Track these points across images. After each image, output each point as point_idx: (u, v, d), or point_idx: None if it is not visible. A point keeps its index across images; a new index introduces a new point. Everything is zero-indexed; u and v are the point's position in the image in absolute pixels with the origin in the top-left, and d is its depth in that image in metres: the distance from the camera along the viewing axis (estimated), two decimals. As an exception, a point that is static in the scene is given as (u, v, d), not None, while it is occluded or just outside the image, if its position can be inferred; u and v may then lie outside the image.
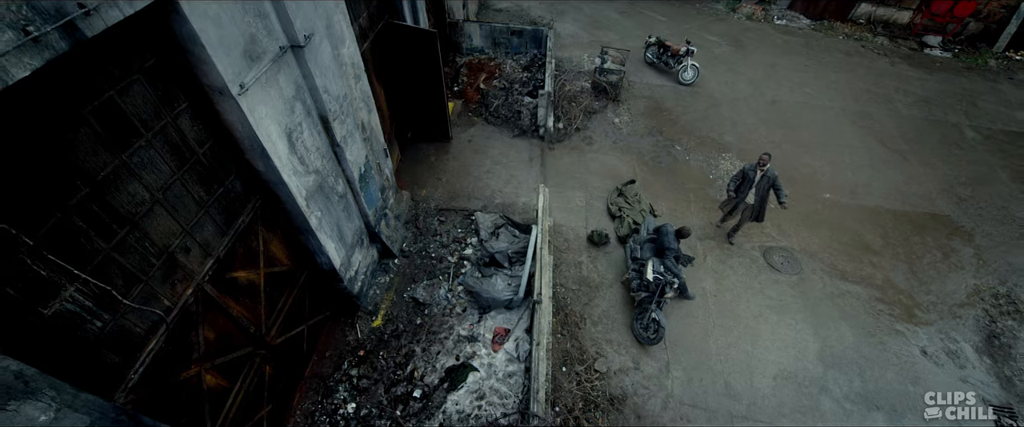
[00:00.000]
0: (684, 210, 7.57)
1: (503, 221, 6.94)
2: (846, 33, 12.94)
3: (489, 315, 5.77)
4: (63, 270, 2.47)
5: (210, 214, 3.60)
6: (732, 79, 10.82)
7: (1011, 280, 6.89)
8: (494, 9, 13.72)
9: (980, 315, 6.41)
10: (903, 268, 6.83)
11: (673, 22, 13.37)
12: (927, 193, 8.10)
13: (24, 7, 1.96)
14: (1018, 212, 7.98)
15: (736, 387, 5.35)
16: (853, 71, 11.41)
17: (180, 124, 3.22)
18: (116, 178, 2.76)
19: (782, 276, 6.61)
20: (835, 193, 7.97)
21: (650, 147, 8.80)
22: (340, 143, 4.93)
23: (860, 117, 9.85)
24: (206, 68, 3.12)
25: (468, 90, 9.87)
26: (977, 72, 11.83)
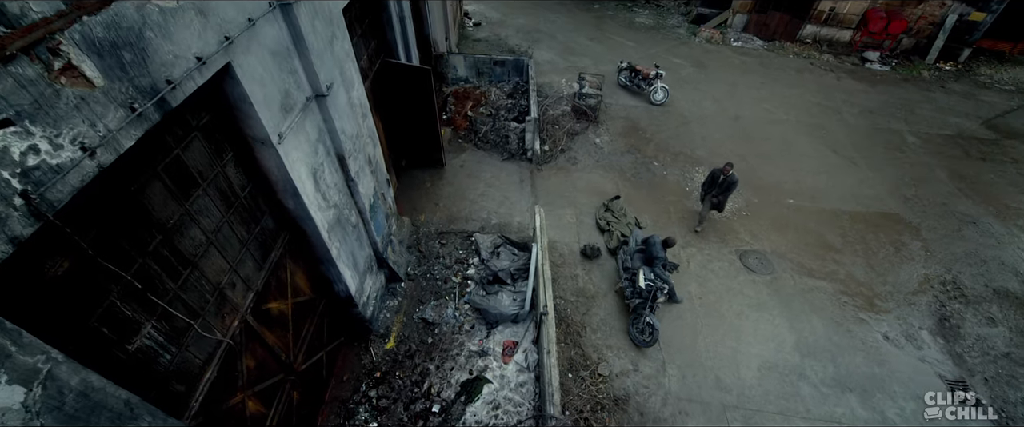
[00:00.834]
0: (666, 221, 8.22)
1: (501, 241, 7.40)
2: (796, 52, 14.24)
3: (497, 330, 6.16)
4: (143, 309, 2.79)
5: (250, 251, 3.94)
6: (698, 98, 11.76)
7: (955, 268, 7.77)
8: (473, 39, 14.44)
9: (931, 301, 7.22)
10: (862, 263, 7.62)
11: (641, 47, 14.38)
12: (877, 194, 9.04)
13: (130, 88, 2.36)
14: (957, 207, 8.99)
15: (726, 380, 5.89)
16: (804, 86, 12.58)
17: (227, 172, 3.59)
18: (181, 225, 3.11)
19: (757, 277, 7.28)
20: (797, 198, 8.80)
21: (630, 164, 9.50)
22: (354, 177, 5.33)
23: (814, 128, 10.88)
24: (252, 122, 3.52)
25: (456, 118, 10.40)
26: (913, 83, 13.21)
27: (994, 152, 10.62)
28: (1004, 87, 13.41)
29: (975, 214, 8.82)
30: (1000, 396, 6.11)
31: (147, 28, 2.41)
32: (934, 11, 13.48)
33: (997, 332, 6.88)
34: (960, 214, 8.79)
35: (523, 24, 15.63)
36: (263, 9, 3.44)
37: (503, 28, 15.29)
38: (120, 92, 2.28)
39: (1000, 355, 6.59)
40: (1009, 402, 6.06)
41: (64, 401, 2.00)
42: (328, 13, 4.52)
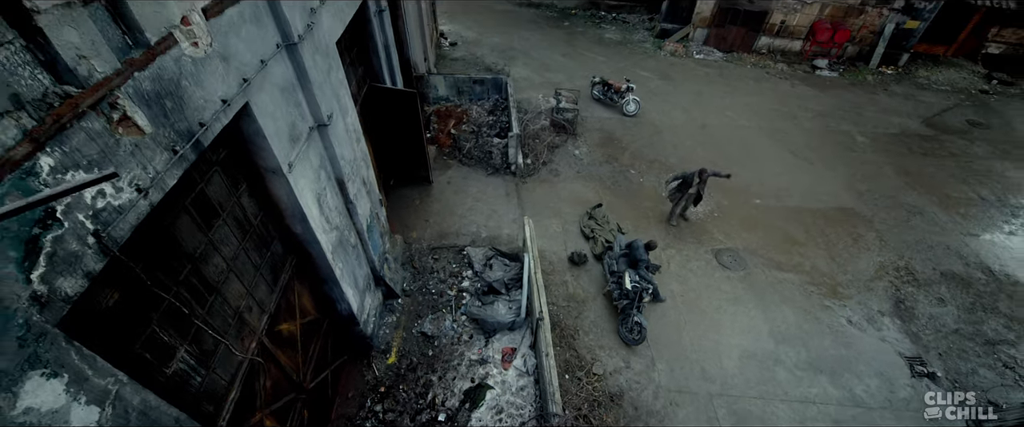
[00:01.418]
0: (646, 225, 8.72)
1: (493, 253, 7.72)
2: (753, 63, 15.27)
3: (495, 338, 6.45)
4: (178, 334, 2.99)
5: (263, 275, 4.14)
6: (668, 108, 12.48)
7: (906, 255, 8.54)
8: (450, 58, 14.86)
9: (887, 286, 7.92)
10: (824, 255, 8.29)
11: (611, 61, 15.12)
12: (833, 191, 9.84)
13: (171, 132, 2.61)
14: (904, 199, 9.87)
15: (710, 370, 6.34)
16: (763, 94, 13.51)
17: (242, 202, 3.82)
18: (206, 254, 3.32)
19: (732, 273, 7.83)
20: (763, 198, 9.49)
21: (609, 173, 10.02)
22: (353, 200, 5.58)
23: (773, 132, 11.72)
24: (265, 154, 3.77)
25: (440, 136, 10.73)
26: (859, 87, 14.37)
27: (934, 148, 11.68)
28: (940, 87, 14.74)
29: (921, 205, 9.70)
30: (953, 368, 6.77)
31: (183, 77, 2.68)
32: (874, 21, 14.76)
33: (946, 311, 7.61)
34: (908, 205, 9.66)
35: (498, 42, 16.18)
36: (272, 50, 3.73)
37: (479, 47, 15.79)
38: (164, 137, 2.53)
39: (950, 331, 7.30)
40: (961, 373, 6.73)
41: (129, 419, 2.21)
42: (325, 47, 4.82)
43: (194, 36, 2.77)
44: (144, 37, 2.39)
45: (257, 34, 3.51)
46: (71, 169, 1.95)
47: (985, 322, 7.48)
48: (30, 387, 1.75)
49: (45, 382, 1.81)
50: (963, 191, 10.22)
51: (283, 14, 3.79)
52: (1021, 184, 10.64)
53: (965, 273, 8.28)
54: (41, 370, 1.80)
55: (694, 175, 8.05)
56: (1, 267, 1.67)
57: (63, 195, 1.49)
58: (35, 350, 1.78)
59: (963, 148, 11.74)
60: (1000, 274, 8.32)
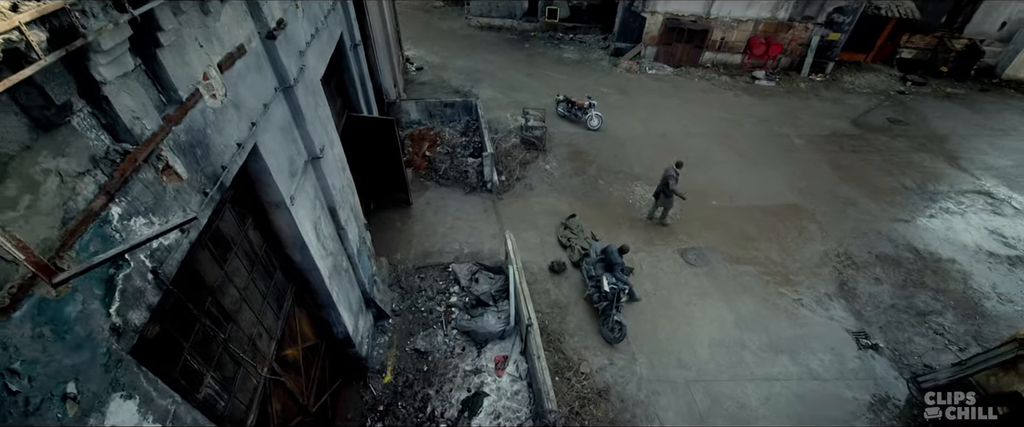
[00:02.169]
0: (617, 231, 9.36)
1: (477, 268, 8.09)
2: (700, 76, 16.60)
3: (487, 347, 6.79)
4: (205, 361, 3.21)
5: (269, 303, 4.36)
6: (628, 121, 13.38)
7: (845, 242, 9.57)
8: (418, 83, 15.30)
9: (831, 271, 8.86)
10: (775, 247, 9.19)
11: (571, 80, 16.01)
12: (778, 189, 10.89)
13: (201, 176, 2.91)
14: (839, 192, 11.03)
15: (685, 359, 6.93)
16: (711, 104, 14.73)
17: (249, 235, 4.07)
18: (222, 286, 3.55)
19: (697, 269, 8.55)
20: (719, 200, 10.39)
21: (580, 185, 10.67)
22: (343, 226, 5.85)
23: (723, 138, 12.81)
24: (270, 189, 4.06)
25: (415, 158, 11.07)
26: (794, 94, 15.89)
27: (861, 145, 13.10)
28: (863, 91, 16.50)
29: (854, 197, 10.89)
30: (892, 339, 7.68)
31: (207, 127, 2.99)
32: (801, 35, 16.44)
33: (883, 289, 8.60)
34: (843, 198, 10.82)
35: (463, 65, 16.78)
36: (272, 94, 4.06)
37: (445, 71, 16.32)
38: (197, 181, 2.83)
39: (888, 307, 8.26)
40: (900, 342, 7.65)
41: (183, 436, 2.46)
42: (313, 86, 5.16)
43: (212, 89, 3.09)
44: (177, 95, 2.70)
45: (260, 81, 3.84)
46: (134, 216, 2.24)
47: (916, 296, 8.51)
48: (113, 407, 2.02)
49: (123, 403, 2.07)
50: (889, 182, 11.53)
51: (280, 60, 4.13)
52: (938, 173, 12.10)
53: (896, 254, 9.37)
54: (120, 392, 2.06)
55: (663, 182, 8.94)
56: (90, 304, 1.95)
57: (158, 237, 1.82)
58: (115, 375, 2.05)
59: (886, 144, 13.23)
60: (925, 253, 9.46)
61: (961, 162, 12.59)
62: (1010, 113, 15.46)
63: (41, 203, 1.77)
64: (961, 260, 9.32)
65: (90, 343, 1.92)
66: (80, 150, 1.98)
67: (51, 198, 1.81)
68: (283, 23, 4.17)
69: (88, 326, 1.92)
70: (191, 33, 2.84)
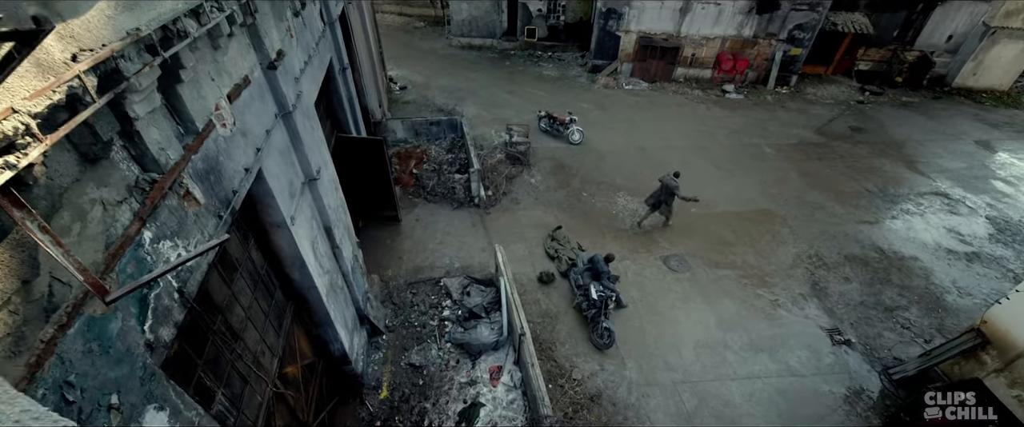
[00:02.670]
0: (602, 240, 9.70)
1: (468, 281, 8.28)
2: (673, 90, 17.36)
3: (481, 359, 6.95)
4: (217, 378, 3.34)
5: (270, 321, 4.48)
6: (608, 135, 13.90)
7: (815, 244, 10.12)
8: (402, 102, 15.58)
9: (804, 272, 9.36)
10: (751, 251, 9.67)
11: (552, 96, 16.55)
12: (752, 196, 11.46)
13: (215, 201, 3.09)
14: (808, 197, 11.67)
15: (672, 362, 7.22)
16: (685, 118, 15.42)
17: (252, 255, 4.21)
18: (230, 305, 3.69)
19: (680, 275, 8.93)
20: (697, 207, 10.86)
21: (564, 197, 11.02)
22: (338, 244, 6.00)
23: (698, 149, 13.42)
24: (272, 210, 4.23)
25: (402, 176, 11.27)
26: (762, 106, 16.75)
27: (826, 152, 13.89)
28: (825, 101, 17.49)
29: (821, 201, 11.53)
30: (863, 334, 8.15)
31: (220, 154, 3.19)
32: (766, 50, 17.42)
33: (852, 287, 9.12)
34: (811, 203, 11.45)
35: (445, 84, 17.16)
36: (272, 121, 4.27)
37: (428, 90, 16.66)
38: (212, 206, 3.01)
39: (857, 304, 8.76)
40: (870, 336, 8.12)
41: (205, 447, 2.60)
42: (308, 110, 5.38)
43: (223, 119, 3.30)
44: (194, 126, 2.91)
45: (262, 109, 4.05)
46: (162, 239, 2.43)
47: (882, 293, 9.05)
48: (148, 418, 2.17)
49: (156, 414, 2.23)
50: (853, 186, 12.26)
51: (280, 88, 4.35)
52: (897, 177, 12.91)
53: (863, 254, 9.95)
54: (154, 404, 2.22)
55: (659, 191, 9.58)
56: (128, 321, 2.12)
57: (197, 258, 2.02)
58: (150, 387, 2.20)
59: (849, 151, 14.06)
60: (889, 252, 10.08)
61: (918, 166, 13.47)
62: (961, 119, 16.62)
63: (88, 229, 1.96)
64: (923, 258, 9.96)
65: (129, 357, 2.09)
66: (118, 180, 2.18)
67: (96, 225, 2.00)
68: (282, 54, 4.40)
69: (127, 342, 2.09)
70: (205, 68, 3.06)
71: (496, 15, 20.40)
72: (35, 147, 1.51)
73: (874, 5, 17.69)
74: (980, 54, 17.92)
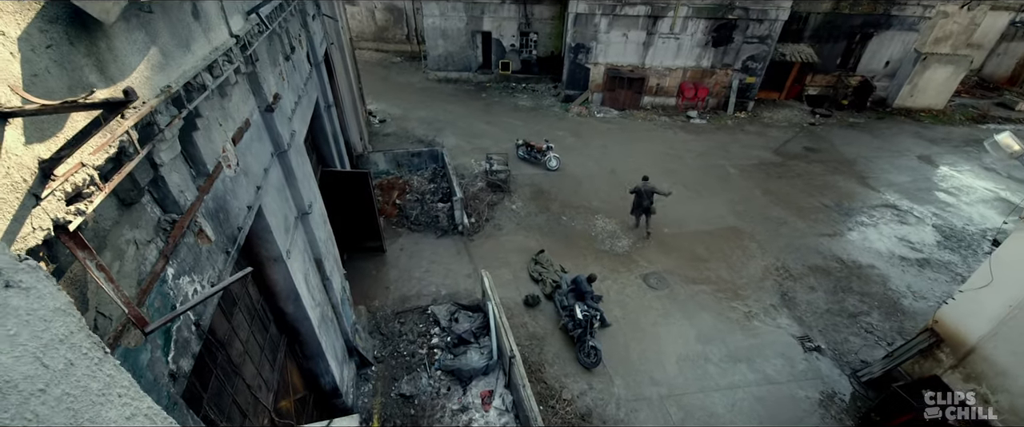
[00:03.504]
0: (583, 262, 10.05)
1: (455, 308, 8.42)
2: (642, 117, 18.37)
3: (472, 384, 7.03)
4: (220, 412, 3.41)
5: (265, 355, 4.55)
6: (583, 161, 14.52)
7: (781, 257, 10.76)
8: (383, 135, 15.89)
9: (773, 283, 9.91)
10: (724, 266, 10.20)
11: (528, 125, 17.21)
12: (720, 214, 12.14)
13: (223, 238, 3.27)
14: (771, 214, 12.42)
15: (657, 377, 7.49)
16: (653, 142, 16.29)
17: (249, 289, 4.32)
18: (230, 339, 3.79)
19: (659, 292, 9.32)
20: (671, 227, 11.43)
21: (545, 222, 11.40)
22: (329, 276, 6.12)
23: (668, 172, 14.17)
24: (269, 245, 4.38)
25: (385, 207, 11.44)
26: (723, 130, 17.87)
27: (785, 171, 14.87)
28: (780, 124, 18.79)
29: (784, 217, 12.30)
30: (831, 340, 8.65)
31: (227, 193, 3.39)
32: (723, 79, 18.74)
33: (818, 296, 9.70)
34: (775, 218, 12.20)
35: (424, 116, 17.61)
36: (269, 160, 4.49)
37: (407, 122, 17.06)
38: (221, 243, 3.19)
39: (823, 311, 9.31)
40: (838, 342, 8.62)
41: (219, 476, 2.69)
42: (299, 147, 5.61)
43: (229, 160, 3.52)
44: (205, 168, 3.12)
45: (261, 149, 4.28)
46: (182, 275, 2.60)
47: (846, 300, 9.65)
48: (172, 445, 2.29)
49: (179, 442, 2.34)
50: (811, 202, 13.14)
51: (276, 129, 4.60)
52: (851, 192, 13.91)
53: (825, 265, 10.63)
54: (177, 432, 2.34)
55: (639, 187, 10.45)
56: (155, 352, 2.27)
57: (223, 288, 2.22)
58: (174, 416, 2.33)
59: (805, 169, 15.10)
60: (849, 262, 10.80)
61: (869, 181, 14.57)
62: (903, 136, 18.13)
63: (125, 267, 2.14)
64: (879, 265, 10.71)
65: (156, 387, 2.23)
66: (147, 222, 2.37)
67: (131, 263, 2.18)
68: (278, 97, 4.68)
69: (155, 371, 2.24)
70: (214, 115, 3.31)
71: (471, 50, 21.27)
72: (97, 195, 1.73)
73: (817, 36, 19.42)
74: (915, 77, 19.77)
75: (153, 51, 2.40)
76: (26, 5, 1.60)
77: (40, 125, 1.59)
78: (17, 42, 1.54)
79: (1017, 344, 6.26)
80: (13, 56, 1.52)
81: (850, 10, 18.69)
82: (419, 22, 23.62)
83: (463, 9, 19.93)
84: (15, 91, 1.42)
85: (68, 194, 1.62)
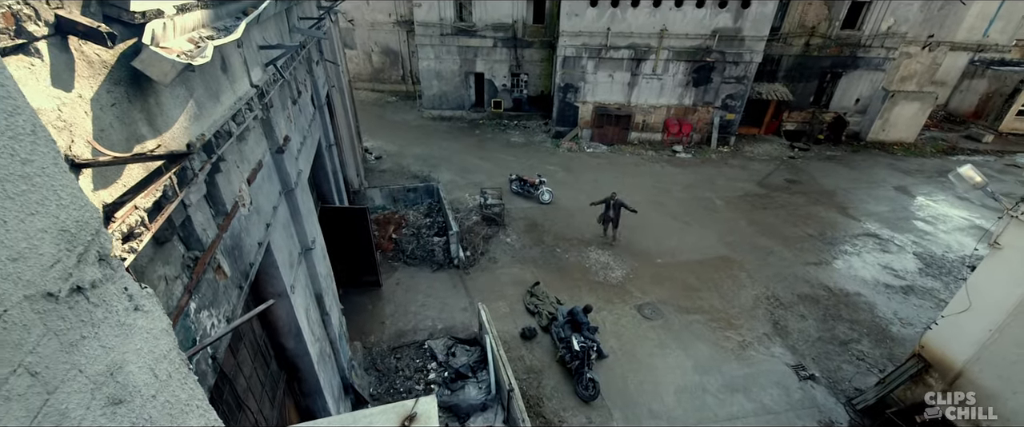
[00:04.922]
0: (578, 293, 10.17)
1: (452, 342, 8.41)
2: (630, 152, 19.05)
3: (470, 421, 6.95)
4: (225, 449, 3.42)
5: (267, 392, 4.55)
6: (575, 194, 14.91)
7: (771, 286, 11.00)
8: (379, 171, 16.20)
9: (764, 312, 10.09)
10: (716, 296, 10.38)
11: (520, 160, 17.71)
12: (710, 244, 12.46)
13: (238, 274, 3.41)
14: (759, 243, 12.76)
15: (656, 409, 7.48)
16: (642, 175, 16.84)
17: (253, 325, 4.40)
18: (235, 374, 3.84)
19: (654, 323, 9.43)
20: (663, 258, 11.67)
21: (540, 254, 11.57)
22: (328, 311, 6.18)
23: (657, 205, 14.58)
24: (275, 281, 4.50)
25: (381, 241, 11.55)
26: (708, 163, 18.55)
27: (769, 202, 15.39)
28: (762, 158, 19.57)
29: (771, 246, 12.65)
30: (825, 368, 8.76)
31: (241, 230, 3.56)
32: (705, 116, 19.66)
33: (809, 324, 9.88)
34: (763, 248, 12.53)
35: (419, 152, 18.05)
36: (278, 198, 4.69)
37: (403, 158, 17.46)
38: (235, 278, 3.33)
39: (815, 339, 9.46)
40: (831, 370, 8.72)
41: (228, 512, 2.71)
42: (304, 186, 5.82)
43: (244, 200, 3.71)
44: (224, 208, 3.31)
45: (271, 188, 4.49)
46: (203, 309, 2.73)
47: (836, 328, 9.83)
48: (189, 478, 2.35)
49: (195, 474, 2.40)
50: (796, 232, 13.55)
51: (285, 168, 4.83)
52: (833, 222, 14.39)
53: (813, 293, 10.87)
54: (194, 464, 2.40)
55: (608, 200, 11.40)
56: (178, 384, 2.37)
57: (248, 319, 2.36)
58: (191, 448, 2.40)
59: (788, 200, 15.64)
60: (836, 290, 11.06)
61: (849, 211, 15.11)
62: (879, 168, 18.94)
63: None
64: (865, 293, 10.98)
65: (178, 418, 2.32)
66: (175, 259, 2.53)
67: (161, 297, 2.33)
68: (288, 139, 4.94)
69: (177, 403, 2.33)
70: (234, 158, 3.53)
71: (464, 89, 22.11)
72: (146, 234, 1.92)
73: (790, 76, 20.62)
74: (885, 113, 20.89)
75: (190, 104, 2.65)
76: (97, 70, 1.85)
77: (103, 173, 1.80)
78: (90, 102, 1.78)
79: (1001, 367, 6.46)
80: (86, 114, 1.75)
81: (818, 53, 19.98)
82: (414, 64, 24.60)
83: (457, 53, 20.91)
84: (91, 144, 1.64)
85: (123, 234, 1.81)
